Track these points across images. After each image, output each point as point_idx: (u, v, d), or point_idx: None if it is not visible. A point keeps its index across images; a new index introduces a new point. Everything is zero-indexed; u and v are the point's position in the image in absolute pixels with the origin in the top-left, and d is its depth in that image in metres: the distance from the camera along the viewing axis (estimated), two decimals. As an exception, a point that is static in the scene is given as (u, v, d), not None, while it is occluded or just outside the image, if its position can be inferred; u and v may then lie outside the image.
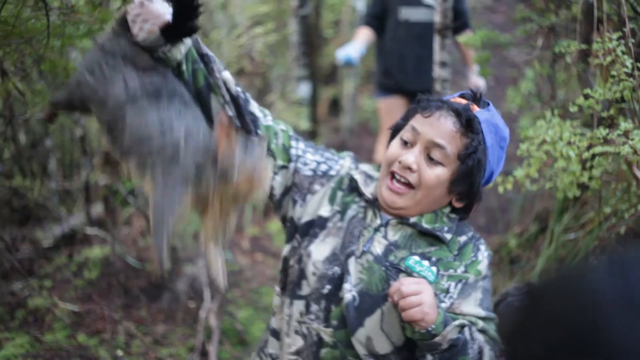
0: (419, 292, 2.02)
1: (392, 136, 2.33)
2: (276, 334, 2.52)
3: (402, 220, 2.26)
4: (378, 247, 2.25)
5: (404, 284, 2.03)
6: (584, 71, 3.94)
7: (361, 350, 2.25)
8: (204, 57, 2.26)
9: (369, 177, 2.41)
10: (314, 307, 2.31)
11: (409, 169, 2.15)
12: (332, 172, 2.45)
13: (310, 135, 7.96)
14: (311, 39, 9.16)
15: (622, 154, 2.86)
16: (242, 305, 5.34)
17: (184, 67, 2.20)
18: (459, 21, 5.80)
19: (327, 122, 9.68)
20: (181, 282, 5.28)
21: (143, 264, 5.40)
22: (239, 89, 2.33)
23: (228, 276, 2.85)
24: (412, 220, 2.25)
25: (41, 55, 3.85)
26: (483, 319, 2.23)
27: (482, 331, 2.22)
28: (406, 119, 2.28)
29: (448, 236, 2.25)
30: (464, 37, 5.57)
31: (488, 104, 2.27)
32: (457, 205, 2.29)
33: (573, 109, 3.16)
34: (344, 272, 2.25)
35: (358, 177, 2.36)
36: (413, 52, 6.15)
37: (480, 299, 2.25)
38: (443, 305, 2.19)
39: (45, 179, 5.82)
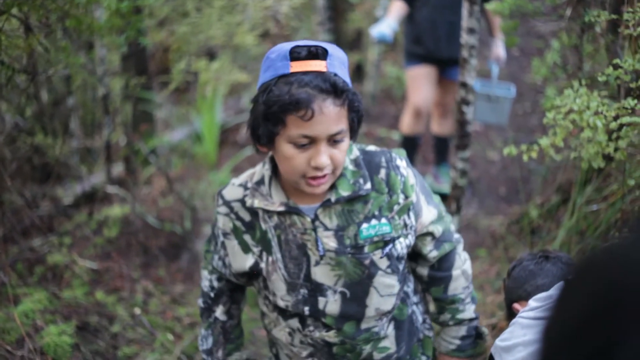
0: None
1: (270, 139, 2.11)
2: (281, 342, 2.56)
3: (325, 203, 2.23)
4: (330, 241, 2.25)
5: None
6: (612, 42, 3.90)
7: (374, 318, 2.38)
8: None
9: (258, 185, 2.33)
10: (309, 320, 2.37)
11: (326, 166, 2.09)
12: (221, 239, 2.43)
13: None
14: (336, 3, 9.12)
15: (650, 125, 2.83)
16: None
17: None
18: None
19: (350, 88, 9.58)
20: (200, 242, 5.30)
21: (162, 223, 5.41)
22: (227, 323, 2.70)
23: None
24: (333, 198, 2.22)
25: (66, 11, 3.84)
26: (437, 220, 2.46)
27: (444, 233, 2.49)
28: (277, 123, 2.04)
29: (368, 186, 2.25)
30: (492, 5, 5.52)
31: (326, 50, 2.09)
32: (352, 140, 2.24)
33: (602, 78, 3.12)
34: (314, 288, 2.30)
35: (257, 202, 2.29)
36: (445, 19, 6.05)
37: (425, 197, 2.42)
38: (409, 237, 2.35)
39: (66, 137, 5.83)
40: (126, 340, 4.25)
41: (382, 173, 2.28)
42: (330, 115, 2.02)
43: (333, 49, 2.13)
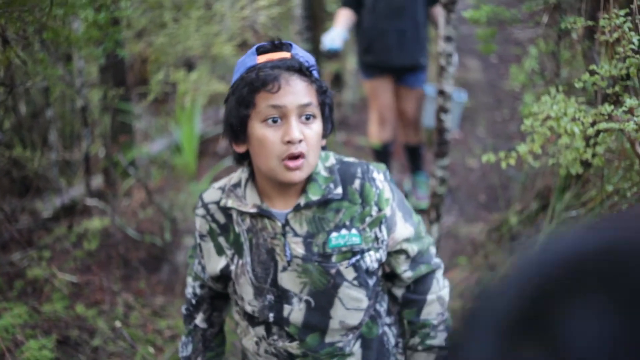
0: None
1: (243, 127, 2.15)
2: (249, 352, 2.55)
3: (295, 208, 2.24)
4: (298, 247, 2.25)
5: None
6: (589, 49, 3.92)
7: (340, 332, 2.35)
8: None
9: (234, 187, 2.35)
10: (275, 329, 2.36)
11: (299, 141, 2.08)
12: (198, 241, 2.45)
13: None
14: (314, 13, 9.12)
15: (627, 130, 2.85)
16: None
17: None
18: None
19: (329, 97, 9.55)
20: (180, 254, 5.28)
21: (142, 235, 5.40)
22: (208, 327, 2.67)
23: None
24: (302, 203, 2.23)
25: (43, 23, 3.83)
26: (413, 239, 2.41)
27: (420, 253, 2.44)
28: (248, 105, 2.10)
29: (339, 191, 2.25)
30: (437, 7, 5.63)
31: (290, 44, 2.19)
32: (323, 143, 2.27)
33: (578, 85, 3.14)
34: (280, 295, 2.30)
35: (231, 202, 2.31)
36: (393, 27, 6.05)
37: (402, 214, 2.38)
38: (380, 251, 2.32)
39: (45, 150, 5.81)
40: (107, 353, 4.24)
41: (357, 183, 2.28)
42: (297, 87, 2.07)
43: (300, 49, 2.20)
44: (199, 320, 2.62)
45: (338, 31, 5.90)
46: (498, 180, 6.66)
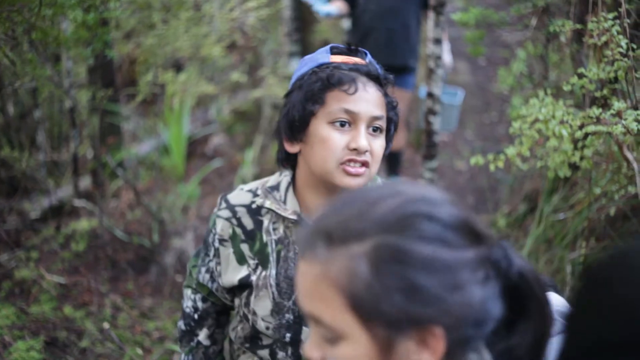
0: None
1: (304, 124, 2.04)
2: None
3: None
4: None
5: None
6: (577, 52, 3.93)
7: None
8: None
9: (272, 189, 2.23)
10: (281, 354, 2.23)
11: (364, 152, 1.97)
12: (217, 245, 2.26)
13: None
14: (303, 14, 9.12)
15: (615, 133, 2.85)
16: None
17: None
18: None
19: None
20: (169, 255, 5.26)
21: (130, 236, 5.38)
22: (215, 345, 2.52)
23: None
24: None
25: (32, 23, 3.81)
26: None
27: None
28: (316, 101, 1.99)
29: None
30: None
31: (365, 52, 2.12)
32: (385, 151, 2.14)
33: (566, 87, 3.15)
34: (301, 315, 2.15)
35: (269, 203, 2.18)
36: (384, 26, 6.06)
37: None
38: None
39: (33, 151, 5.79)
40: (95, 355, 4.22)
41: None
42: (373, 96, 1.99)
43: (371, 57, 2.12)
44: (202, 336, 2.45)
45: (331, 6, 5.95)
46: (486, 182, 6.67)
